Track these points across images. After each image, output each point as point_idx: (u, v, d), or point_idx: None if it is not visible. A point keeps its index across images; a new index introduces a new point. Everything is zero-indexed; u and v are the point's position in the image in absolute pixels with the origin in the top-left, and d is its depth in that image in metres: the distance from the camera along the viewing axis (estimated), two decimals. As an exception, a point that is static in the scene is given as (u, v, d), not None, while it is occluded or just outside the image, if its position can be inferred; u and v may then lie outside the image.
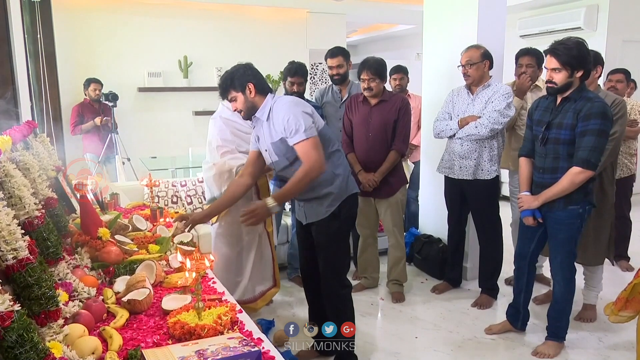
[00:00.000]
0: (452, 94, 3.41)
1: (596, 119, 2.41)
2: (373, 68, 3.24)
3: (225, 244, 2.95)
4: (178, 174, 4.92)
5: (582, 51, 2.45)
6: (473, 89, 3.27)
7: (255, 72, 2.41)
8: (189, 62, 6.27)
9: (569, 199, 2.55)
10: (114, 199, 3.06)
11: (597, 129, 2.41)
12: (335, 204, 2.42)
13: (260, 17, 6.64)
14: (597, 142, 2.41)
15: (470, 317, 3.27)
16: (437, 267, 3.86)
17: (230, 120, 2.88)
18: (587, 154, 2.42)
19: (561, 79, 2.47)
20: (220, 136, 2.87)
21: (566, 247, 2.65)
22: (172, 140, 6.18)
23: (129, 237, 2.35)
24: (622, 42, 5.91)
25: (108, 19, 5.86)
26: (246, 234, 2.95)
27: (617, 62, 5.14)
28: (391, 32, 8.97)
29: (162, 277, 1.95)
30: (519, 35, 6.49)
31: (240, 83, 2.35)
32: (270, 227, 3.13)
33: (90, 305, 1.60)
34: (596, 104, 2.44)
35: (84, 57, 5.77)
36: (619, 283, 2.58)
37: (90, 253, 2.03)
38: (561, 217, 2.60)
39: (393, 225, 3.48)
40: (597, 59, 3.03)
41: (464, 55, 3.21)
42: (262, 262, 3.08)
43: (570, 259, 2.68)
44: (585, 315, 3.15)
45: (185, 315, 1.57)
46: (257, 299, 3.08)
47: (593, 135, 2.41)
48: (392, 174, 3.38)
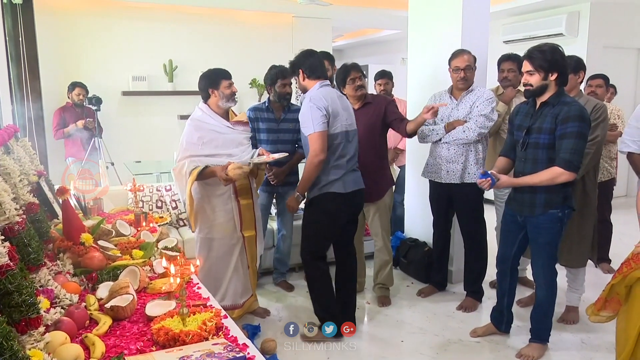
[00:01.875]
0: (433, 98, 3.44)
1: (574, 122, 2.45)
2: (357, 67, 3.30)
3: (204, 249, 2.94)
4: (163, 178, 4.88)
5: (555, 55, 2.51)
6: (456, 93, 3.30)
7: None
8: (174, 66, 6.23)
9: (549, 203, 2.59)
10: (97, 204, 3.03)
11: (575, 131, 2.45)
12: (314, 193, 2.85)
13: (246, 22, 6.63)
14: (576, 144, 2.46)
15: (455, 320, 3.28)
16: (423, 271, 3.87)
17: (202, 122, 2.87)
18: (569, 155, 2.46)
19: (536, 81, 2.53)
20: (186, 139, 2.87)
21: (547, 250, 2.68)
22: (156, 145, 6.12)
23: (113, 242, 2.33)
24: (603, 48, 6.03)
25: (92, 22, 5.80)
26: (221, 238, 2.92)
27: (597, 67, 5.23)
28: (376, 37, 9.03)
29: (146, 283, 1.94)
30: (502, 40, 6.57)
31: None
32: (251, 232, 3.04)
33: (73, 312, 1.58)
34: (573, 107, 2.49)
35: (67, 60, 5.70)
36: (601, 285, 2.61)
37: (73, 259, 2.02)
38: (542, 221, 2.63)
39: (381, 228, 3.49)
40: (579, 65, 3.08)
41: (462, 58, 3.21)
42: (243, 269, 3.03)
43: (551, 262, 2.72)
44: (568, 317, 3.19)
45: (170, 322, 1.56)
46: (237, 308, 3.03)
47: (572, 138, 2.46)
48: (378, 175, 3.38)
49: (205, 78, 2.88)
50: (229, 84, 2.85)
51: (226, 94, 2.85)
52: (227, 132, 2.89)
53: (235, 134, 2.93)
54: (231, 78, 2.90)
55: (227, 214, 2.92)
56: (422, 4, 3.93)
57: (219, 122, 2.88)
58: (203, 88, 2.88)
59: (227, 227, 2.93)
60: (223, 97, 2.85)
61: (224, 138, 2.88)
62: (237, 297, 3.03)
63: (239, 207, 2.95)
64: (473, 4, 3.56)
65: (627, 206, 5.84)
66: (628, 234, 3.94)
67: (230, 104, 2.89)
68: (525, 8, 6.22)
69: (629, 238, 4.10)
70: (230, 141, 2.89)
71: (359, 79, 3.27)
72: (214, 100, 2.87)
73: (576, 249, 3.06)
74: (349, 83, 3.28)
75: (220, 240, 2.93)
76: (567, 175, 2.48)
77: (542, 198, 2.59)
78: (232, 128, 2.92)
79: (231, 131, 2.91)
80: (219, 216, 2.91)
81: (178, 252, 2.31)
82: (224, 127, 2.89)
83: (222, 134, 2.88)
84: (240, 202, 2.95)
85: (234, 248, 2.97)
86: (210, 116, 2.88)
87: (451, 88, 3.35)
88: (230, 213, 2.93)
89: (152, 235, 2.51)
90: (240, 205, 2.95)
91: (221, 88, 2.83)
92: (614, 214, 4.20)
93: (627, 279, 2.20)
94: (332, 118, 2.76)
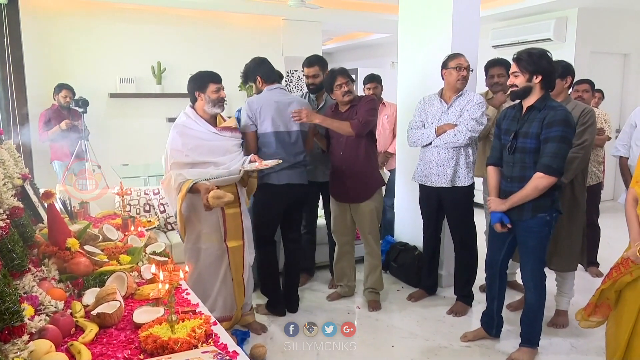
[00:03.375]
0: (423, 102, 3.44)
1: (558, 126, 2.48)
2: (345, 72, 3.28)
3: (192, 259, 2.84)
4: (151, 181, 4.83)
5: (541, 59, 2.54)
6: (447, 97, 3.31)
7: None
8: (162, 68, 6.19)
9: (537, 207, 2.61)
10: (83, 207, 2.99)
11: (559, 135, 2.48)
12: (257, 185, 3.06)
13: (236, 24, 6.62)
14: (558, 149, 2.48)
15: (445, 325, 3.29)
16: (413, 275, 3.88)
17: (186, 128, 2.78)
18: (549, 160, 2.49)
19: (520, 82, 2.57)
20: (171, 145, 2.77)
21: (536, 254, 2.69)
22: (144, 148, 6.06)
23: (99, 247, 2.30)
24: (590, 53, 6.11)
25: (79, 23, 5.75)
26: (207, 248, 2.82)
27: (584, 72, 5.29)
28: (366, 40, 9.06)
29: (133, 289, 1.91)
30: (491, 45, 6.63)
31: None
32: (237, 242, 2.88)
33: (58, 319, 1.55)
34: (559, 112, 2.51)
35: (54, 62, 5.63)
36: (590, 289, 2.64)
37: (58, 264, 1.98)
38: (530, 224, 2.65)
39: (369, 231, 3.48)
40: (567, 70, 3.10)
41: (463, 58, 3.22)
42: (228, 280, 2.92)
43: (540, 266, 2.73)
44: (558, 321, 3.21)
45: (158, 329, 1.53)
46: (226, 320, 2.91)
47: (555, 142, 2.48)
48: (365, 175, 3.37)
49: (193, 80, 2.81)
50: (217, 88, 2.76)
51: (212, 99, 2.75)
52: (212, 138, 2.79)
53: (223, 140, 2.83)
54: (221, 82, 2.80)
55: (212, 223, 2.80)
56: (412, 8, 3.94)
57: (204, 127, 2.78)
58: (190, 90, 2.81)
59: (213, 236, 2.82)
60: (209, 102, 2.75)
61: (210, 145, 2.78)
62: (227, 308, 2.92)
63: (224, 216, 2.81)
64: (463, 9, 3.57)
65: (614, 210, 5.91)
66: (616, 237, 3.99)
67: (217, 110, 2.79)
68: (514, 13, 6.28)
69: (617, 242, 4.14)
70: (216, 148, 2.79)
71: (345, 85, 3.25)
72: (200, 104, 2.78)
73: (566, 253, 3.08)
74: (336, 89, 3.27)
75: (207, 250, 2.82)
76: (546, 180, 2.51)
77: (530, 203, 2.61)
78: (219, 134, 2.81)
79: (217, 138, 2.81)
80: (204, 226, 2.80)
81: (166, 257, 2.28)
82: (209, 133, 2.78)
83: (207, 141, 2.78)
84: (225, 211, 2.81)
85: (222, 258, 2.85)
86: (195, 121, 2.78)
87: (441, 91, 3.35)
88: (216, 223, 2.82)
89: (140, 240, 2.47)
90: (226, 214, 2.81)
91: (208, 92, 2.74)
92: (601, 218, 4.24)
93: (616, 284, 2.21)
94: (260, 120, 3.12)
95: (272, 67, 3.28)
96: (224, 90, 2.83)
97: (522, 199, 2.60)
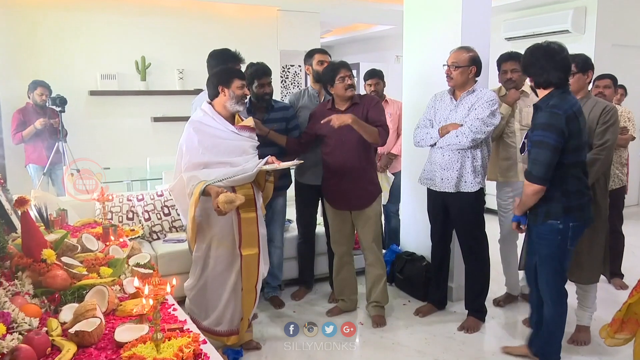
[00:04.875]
0: (434, 99, 3.45)
1: (538, 130, 2.56)
2: (347, 65, 3.32)
3: (198, 268, 2.86)
4: (134, 186, 4.84)
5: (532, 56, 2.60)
6: (457, 93, 3.31)
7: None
8: (147, 63, 6.19)
9: (547, 213, 2.64)
10: (60, 215, 2.99)
11: (537, 140, 2.55)
12: None
13: (227, 15, 6.63)
14: (536, 154, 2.55)
15: (456, 342, 3.28)
16: (421, 288, 3.86)
17: (203, 124, 2.81)
18: (530, 166, 2.58)
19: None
20: (187, 143, 2.80)
21: (550, 263, 2.70)
22: (127, 150, 6.07)
23: (78, 259, 2.30)
24: (612, 46, 6.12)
25: (55, 16, 5.74)
26: (217, 256, 2.83)
27: (605, 67, 5.29)
28: (369, 32, 9.08)
29: (115, 305, 1.91)
30: (504, 37, 6.65)
31: None
32: (252, 250, 2.87)
33: (32, 338, 1.55)
34: (540, 114, 2.57)
35: (28, 58, 5.63)
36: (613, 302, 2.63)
37: (33, 278, 1.98)
38: (542, 231, 2.69)
39: (372, 239, 3.47)
40: (587, 64, 3.11)
41: (452, 55, 3.24)
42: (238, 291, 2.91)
43: (556, 277, 2.72)
44: (579, 338, 3.20)
45: (142, 348, 1.53)
46: (234, 334, 2.92)
47: (535, 147, 2.56)
48: (366, 180, 3.38)
49: (217, 75, 2.85)
50: (241, 84, 2.82)
51: (237, 95, 2.80)
52: (231, 137, 2.82)
53: (241, 140, 2.86)
54: (245, 79, 2.88)
55: (225, 228, 2.81)
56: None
57: (222, 125, 2.81)
58: (212, 85, 2.84)
59: (225, 242, 2.82)
60: (233, 98, 2.80)
61: (227, 144, 2.80)
62: (235, 321, 2.91)
63: (239, 220, 2.81)
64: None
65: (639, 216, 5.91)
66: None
67: (239, 107, 2.85)
68: (528, 3, 6.30)
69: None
70: (234, 148, 2.82)
71: (349, 78, 3.27)
72: (221, 100, 2.82)
73: (587, 263, 3.07)
74: (338, 81, 3.27)
75: (217, 258, 2.83)
76: (532, 187, 2.57)
77: (542, 208, 2.66)
78: (237, 134, 2.84)
79: (236, 137, 2.84)
80: (216, 231, 2.80)
81: (151, 269, 2.28)
82: (228, 131, 2.82)
83: (225, 140, 2.80)
84: (241, 215, 2.81)
85: (232, 267, 2.85)
86: (213, 118, 2.81)
87: (453, 88, 3.35)
88: (230, 227, 2.81)
89: (123, 251, 2.48)
90: (241, 218, 2.81)
91: (233, 87, 2.79)
92: (625, 224, 4.24)
93: (645, 297, 2.21)
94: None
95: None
96: (246, 87, 2.87)
97: (523, 203, 2.69)
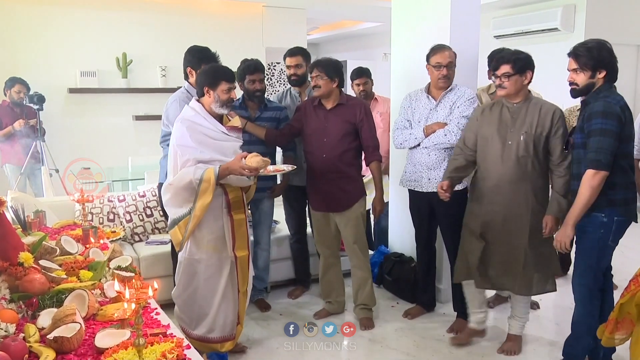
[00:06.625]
0: (409, 98, 3.46)
1: (597, 118, 2.55)
2: (321, 65, 3.30)
3: (188, 273, 2.82)
4: (115, 187, 4.81)
5: (602, 52, 2.62)
6: (435, 93, 3.33)
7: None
8: (128, 60, 6.16)
9: (592, 205, 2.62)
10: (38, 217, 2.96)
11: (598, 128, 2.54)
12: None
13: (211, 11, 6.61)
14: (600, 142, 2.54)
15: (446, 345, 3.29)
16: (409, 290, 3.87)
17: (195, 124, 2.76)
18: (594, 154, 2.55)
19: (582, 80, 2.66)
20: (180, 142, 2.73)
21: (585, 259, 2.70)
22: (108, 149, 6.02)
23: (57, 262, 2.29)
24: (601, 44, 6.18)
25: (33, 11, 5.70)
26: (208, 259, 2.80)
27: (595, 65, 5.37)
28: (356, 29, 9.11)
29: (95, 309, 1.90)
30: (493, 35, 6.71)
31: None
32: (245, 251, 2.89)
33: (8, 344, 1.53)
34: (597, 103, 2.58)
35: (5, 54, 5.58)
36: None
37: (9, 282, 1.96)
38: (584, 223, 2.68)
39: (354, 241, 3.47)
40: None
41: (444, 54, 3.22)
42: (233, 294, 2.89)
43: (589, 275, 2.70)
44: (509, 347, 3.13)
45: (124, 354, 1.53)
46: (228, 340, 2.89)
47: (596, 135, 2.55)
48: (348, 182, 3.39)
49: (205, 74, 2.80)
50: (228, 88, 2.76)
51: (222, 99, 2.75)
52: (221, 138, 2.80)
53: (231, 141, 2.85)
54: (234, 82, 2.83)
55: (217, 230, 2.79)
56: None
57: (214, 125, 2.78)
58: (199, 84, 2.81)
59: (216, 245, 2.79)
60: (217, 101, 2.75)
61: (218, 145, 2.77)
62: (227, 327, 2.89)
63: (231, 222, 2.82)
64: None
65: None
66: (630, 246, 4.03)
67: (224, 110, 2.80)
68: (517, 0, 6.35)
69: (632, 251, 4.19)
70: (225, 149, 2.79)
71: (315, 78, 3.29)
72: (207, 101, 2.79)
73: (520, 273, 2.96)
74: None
75: (208, 261, 2.80)
76: (599, 175, 2.54)
77: None
78: (227, 134, 2.83)
79: (226, 138, 2.82)
80: (206, 233, 2.77)
81: (133, 272, 2.27)
82: (219, 132, 2.79)
83: (216, 140, 2.78)
84: (233, 216, 2.81)
85: (222, 270, 2.82)
86: (204, 117, 2.77)
87: (428, 87, 3.37)
88: (221, 230, 2.80)
89: (103, 253, 2.46)
90: (234, 220, 2.82)
91: (218, 90, 2.74)
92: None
93: (636, 297, 2.24)
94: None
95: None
96: (234, 90, 2.82)
97: (581, 207, 2.60)
